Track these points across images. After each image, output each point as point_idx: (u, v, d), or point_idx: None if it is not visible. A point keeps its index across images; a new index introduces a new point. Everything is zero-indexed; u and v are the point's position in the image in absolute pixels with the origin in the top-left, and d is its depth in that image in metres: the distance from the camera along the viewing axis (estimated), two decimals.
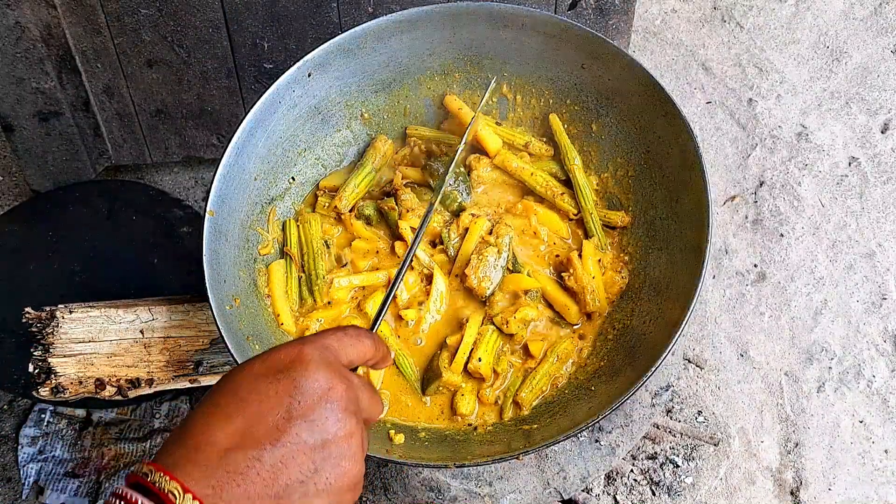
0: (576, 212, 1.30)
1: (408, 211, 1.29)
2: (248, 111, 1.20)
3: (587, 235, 1.29)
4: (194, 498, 0.56)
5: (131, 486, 0.58)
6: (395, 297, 1.23)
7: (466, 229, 1.27)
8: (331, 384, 0.64)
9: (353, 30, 1.26)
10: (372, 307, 1.23)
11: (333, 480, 0.62)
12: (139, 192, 1.83)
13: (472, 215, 1.28)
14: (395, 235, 1.30)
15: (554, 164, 1.34)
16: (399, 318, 1.24)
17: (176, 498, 0.56)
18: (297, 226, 1.30)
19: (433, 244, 1.30)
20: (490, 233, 1.26)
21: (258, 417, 0.61)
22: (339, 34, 1.25)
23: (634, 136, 1.26)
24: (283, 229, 1.31)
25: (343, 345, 0.70)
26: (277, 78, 1.22)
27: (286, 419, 0.61)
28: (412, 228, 1.28)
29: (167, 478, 0.57)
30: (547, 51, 1.29)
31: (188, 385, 1.41)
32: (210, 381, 1.57)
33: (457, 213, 1.30)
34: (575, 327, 1.24)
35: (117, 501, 0.57)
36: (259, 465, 0.59)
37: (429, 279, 1.25)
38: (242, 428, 0.60)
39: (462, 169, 1.34)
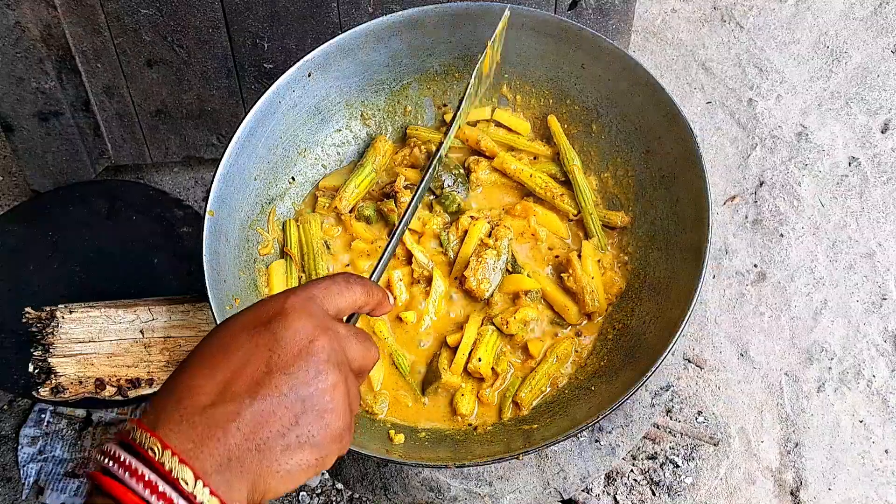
0: (575, 212, 1.30)
1: (392, 195, 1.30)
2: (248, 111, 1.20)
3: (587, 236, 1.29)
4: (173, 454, 0.56)
5: (118, 444, 0.59)
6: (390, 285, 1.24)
7: (466, 231, 1.27)
8: (312, 335, 0.64)
9: (353, 30, 1.26)
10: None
11: (315, 433, 0.62)
12: (139, 192, 1.83)
13: (472, 218, 1.28)
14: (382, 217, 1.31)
15: (553, 165, 1.34)
16: (398, 319, 1.24)
17: (155, 454, 0.56)
18: (297, 226, 1.30)
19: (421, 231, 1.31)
20: (489, 235, 1.26)
21: (238, 371, 0.61)
22: (339, 34, 1.25)
23: (634, 137, 1.26)
24: (283, 229, 1.30)
25: (330, 293, 0.70)
26: (277, 78, 1.22)
27: (266, 372, 0.61)
28: (411, 230, 1.28)
29: (147, 434, 0.57)
30: (547, 51, 1.29)
31: None
32: None
33: (455, 215, 1.30)
34: (574, 328, 1.24)
35: (103, 459, 0.58)
36: (238, 419, 0.59)
37: (428, 281, 1.25)
38: (223, 382, 0.60)
39: (461, 170, 1.34)
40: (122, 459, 0.57)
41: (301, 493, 1.69)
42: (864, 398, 1.80)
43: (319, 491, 1.69)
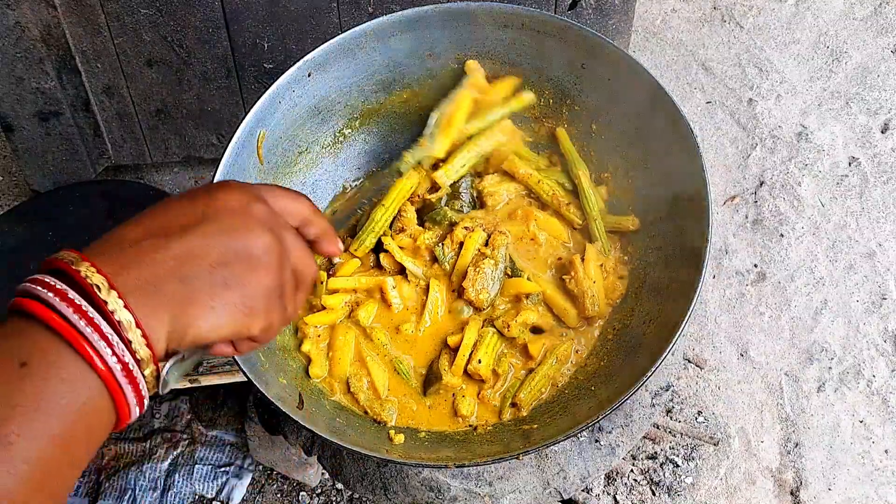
0: (581, 222, 1.29)
1: (399, 231, 1.28)
2: (249, 111, 1.20)
3: (590, 240, 1.28)
4: (100, 272, 0.56)
5: (45, 271, 0.58)
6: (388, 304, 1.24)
7: (461, 243, 1.26)
8: (251, 203, 0.65)
9: (352, 30, 1.26)
10: (364, 315, 1.22)
11: (244, 279, 0.61)
12: (139, 192, 1.83)
13: (466, 229, 1.26)
14: (380, 247, 1.28)
15: (562, 174, 1.34)
16: (396, 330, 1.23)
17: (87, 277, 0.55)
18: None
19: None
20: (486, 244, 1.25)
21: (173, 217, 0.61)
22: (339, 34, 1.25)
23: (634, 137, 1.26)
24: None
25: (275, 191, 0.70)
26: (277, 78, 1.22)
27: (199, 219, 0.61)
28: (400, 247, 1.27)
29: (78, 257, 0.57)
30: (547, 51, 1.29)
31: (188, 385, 1.41)
32: (210, 381, 1.57)
33: (449, 227, 1.29)
34: (575, 331, 1.23)
35: (31, 286, 0.57)
36: (166, 250, 0.59)
37: (424, 291, 1.25)
38: (156, 225, 0.61)
39: (471, 183, 1.33)
40: (54, 286, 0.56)
41: (301, 494, 1.69)
42: (864, 398, 1.80)
43: (319, 491, 1.69)
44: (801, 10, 2.34)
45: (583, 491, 1.61)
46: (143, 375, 0.57)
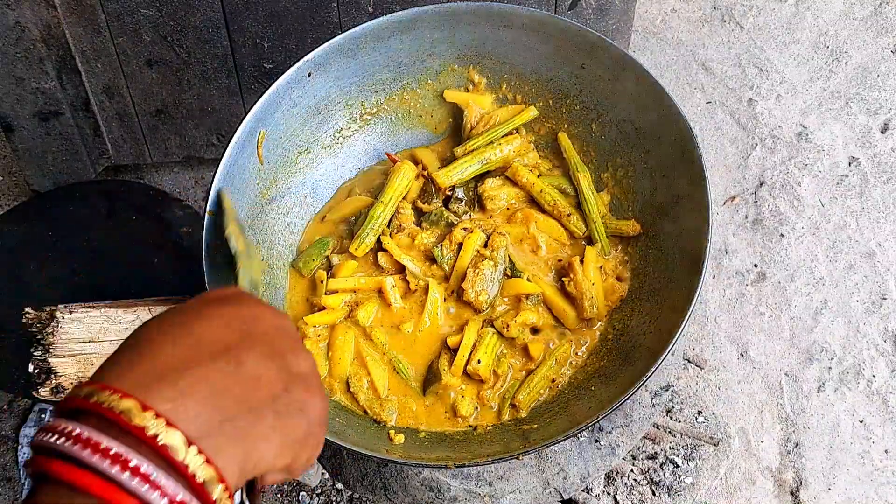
0: (582, 233, 1.28)
1: (397, 231, 1.28)
2: (249, 111, 1.20)
3: (590, 242, 1.28)
4: (156, 414, 0.45)
5: (67, 414, 0.46)
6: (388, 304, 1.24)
7: (460, 245, 1.25)
8: (281, 317, 0.58)
9: (352, 30, 1.26)
10: (364, 315, 1.22)
11: (304, 404, 0.55)
12: (139, 192, 1.83)
13: (465, 230, 1.26)
14: (379, 247, 1.28)
15: (563, 177, 1.33)
16: (396, 329, 1.23)
17: (130, 417, 0.44)
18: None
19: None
20: (485, 245, 1.25)
21: (212, 332, 0.52)
22: (338, 34, 1.25)
23: (634, 137, 1.26)
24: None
25: (265, 304, 0.64)
26: (277, 78, 1.22)
27: (244, 338, 0.53)
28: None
29: (117, 396, 0.45)
30: (547, 51, 1.29)
31: None
32: None
33: (448, 228, 1.28)
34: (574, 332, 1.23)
35: (53, 438, 0.44)
36: (229, 377, 0.50)
37: (424, 291, 1.25)
38: (197, 342, 0.51)
39: (471, 191, 1.33)
40: (72, 431, 0.44)
41: (301, 494, 1.69)
42: (864, 398, 1.80)
43: (319, 491, 1.69)
44: (801, 10, 2.34)
45: (583, 491, 1.61)
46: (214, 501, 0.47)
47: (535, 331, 1.22)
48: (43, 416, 1.68)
